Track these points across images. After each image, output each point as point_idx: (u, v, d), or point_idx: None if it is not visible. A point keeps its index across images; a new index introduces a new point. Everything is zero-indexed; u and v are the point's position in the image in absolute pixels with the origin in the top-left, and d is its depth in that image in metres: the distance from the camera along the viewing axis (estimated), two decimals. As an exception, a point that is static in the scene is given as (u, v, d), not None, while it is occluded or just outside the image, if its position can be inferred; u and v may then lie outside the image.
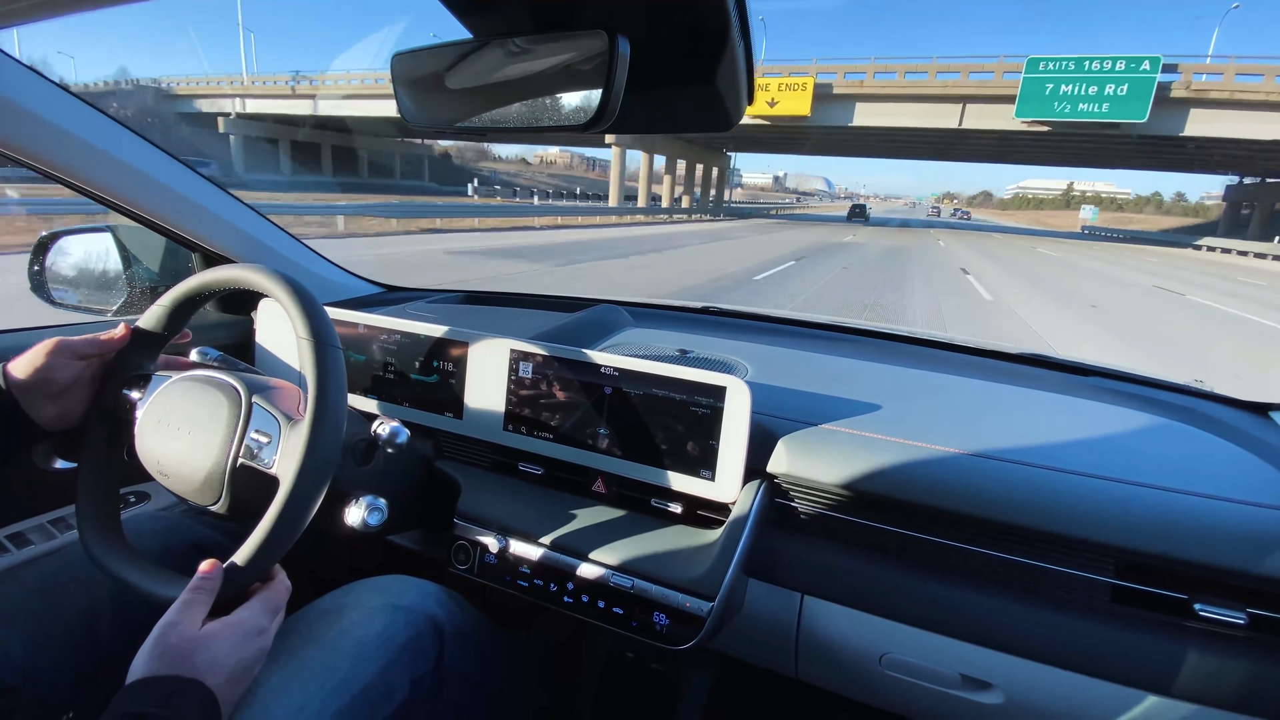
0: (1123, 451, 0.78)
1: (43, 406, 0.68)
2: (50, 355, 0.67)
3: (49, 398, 0.68)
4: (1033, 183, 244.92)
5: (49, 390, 0.68)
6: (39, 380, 0.67)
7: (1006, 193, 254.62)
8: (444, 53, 0.54)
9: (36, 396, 0.67)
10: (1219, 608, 0.65)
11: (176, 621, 0.54)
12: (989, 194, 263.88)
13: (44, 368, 0.67)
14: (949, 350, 1.21)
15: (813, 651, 0.82)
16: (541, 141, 11.85)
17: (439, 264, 9.74)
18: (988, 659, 0.72)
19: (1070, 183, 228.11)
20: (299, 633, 0.66)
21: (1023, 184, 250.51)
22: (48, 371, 0.67)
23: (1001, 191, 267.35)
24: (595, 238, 16.51)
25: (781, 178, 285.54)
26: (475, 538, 0.87)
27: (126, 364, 0.73)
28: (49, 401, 0.68)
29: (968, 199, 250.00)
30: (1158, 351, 6.36)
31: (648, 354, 0.99)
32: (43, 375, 0.67)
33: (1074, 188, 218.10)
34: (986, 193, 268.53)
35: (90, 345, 0.70)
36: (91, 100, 0.93)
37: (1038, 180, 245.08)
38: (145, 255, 1.20)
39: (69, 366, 0.68)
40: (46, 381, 0.67)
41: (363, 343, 1.03)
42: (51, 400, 0.68)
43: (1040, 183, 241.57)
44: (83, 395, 0.70)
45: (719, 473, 0.79)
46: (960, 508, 0.72)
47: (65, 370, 0.68)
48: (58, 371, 0.68)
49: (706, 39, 0.46)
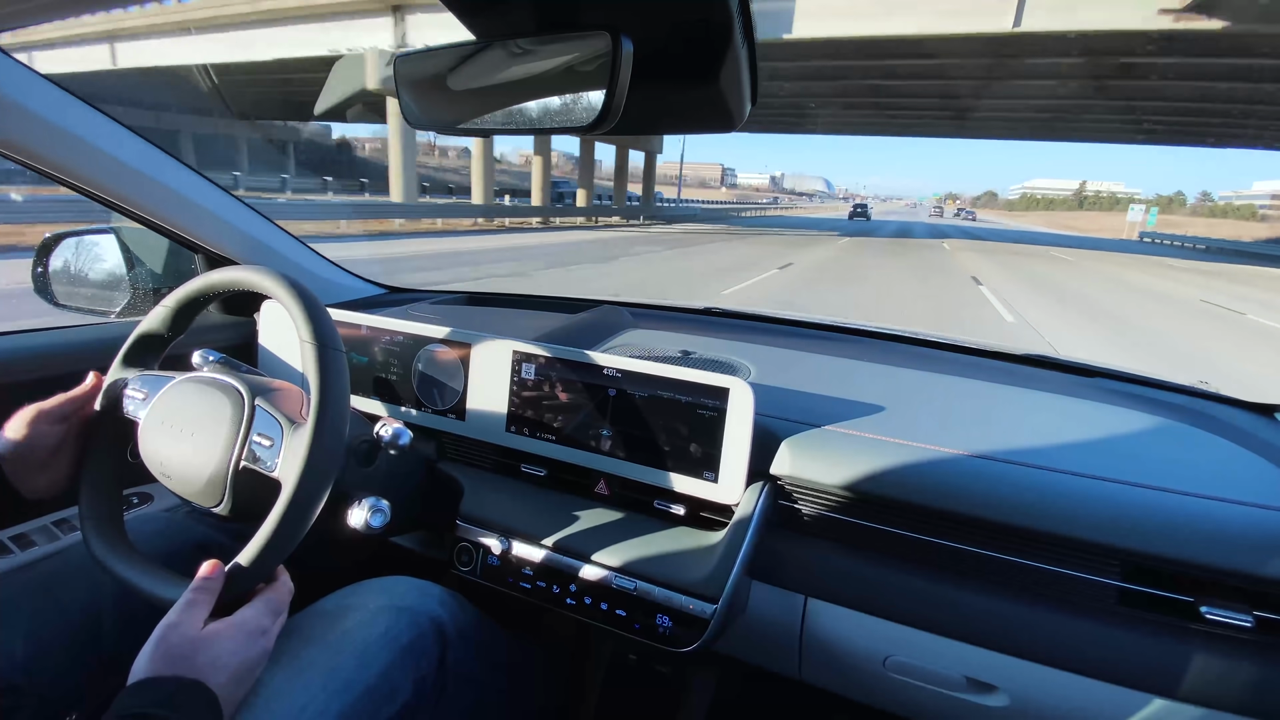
0: (1128, 453, 0.78)
1: (33, 478, 0.66)
2: (31, 425, 0.66)
3: (37, 468, 0.66)
4: (1040, 182, 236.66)
5: (35, 461, 0.66)
6: (24, 452, 0.65)
7: (1012, 193, 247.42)
8: (447, 54, 0.54)
9: (24, 469, 0.66)
10: (1225, 610, 0.64)
11: (178, 622, 0.54)
12: (994, 194, 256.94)
13: (28, 439, 0.65)
14: (952, 351, 1.21)
15: (816, 654, 0.81)
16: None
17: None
18: (993, 662, 0.71)
19: (1083, 182, 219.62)
20: (302, 633, 0.66)
21: (1028, 184, 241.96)
22: (31, 442, 0.66)
23: (1005, 192, 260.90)
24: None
25: (779, 178, 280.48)
26: (478, 539, 0.87)
27: (131, 364, 0.74)
28: (38, 472, 0.66)
29: (971, 200, 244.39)
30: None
31: (650, 355, 0.99)
32: (27, 447, 0.65)
33: (1086, 187, 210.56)
34: (991, 193, 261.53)
35: (67, 405, 0.68)
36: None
37: (1045, 180, 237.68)
38: (148, 257, 1.21)
39: (51, 433, 0.67)
40: (32, 451, 0.66)
41: (365, 344, 1.03)
42: (40, 470, 0.67)
43: (1048, 182, 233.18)
44: (69, 459, 0.69)
45: (722, 474, 0.79)
46: (964, 510, 0.72)
47: (48, 437, 0.67)
48: (41, 439, 0.66)
49: (710, 38, 0.46)
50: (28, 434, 0.66)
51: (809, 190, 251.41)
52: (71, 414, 0.69)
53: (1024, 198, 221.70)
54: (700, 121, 0.57)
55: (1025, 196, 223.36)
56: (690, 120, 0.58)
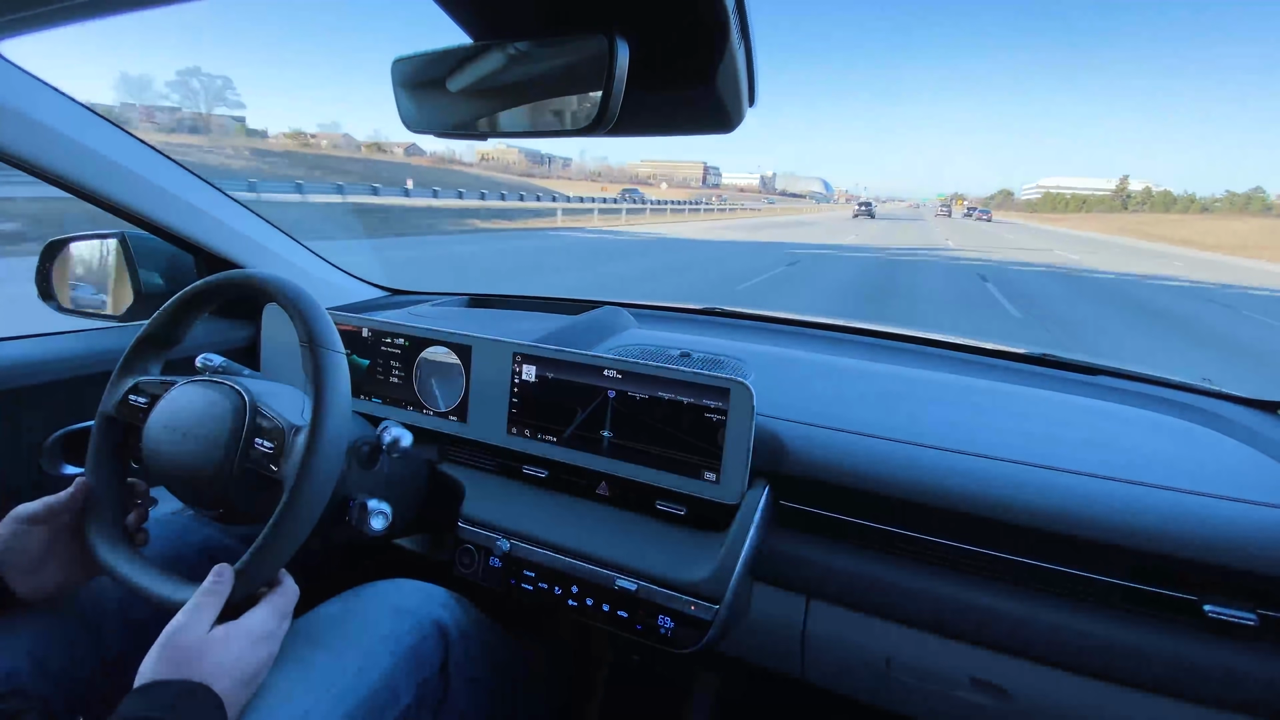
0: (1131, 451, 0.77)
1: (24, 581, 0.64)
2: (12, 528, 0.64)
3: (24, 572, 0.64)
4: (1058, 180, 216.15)
5: (22, 564, 0.64)
6: (8, 556, 0.64)
7: (1026, 192, 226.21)
8: (444, 57, 0.54)
9: (13, 572, 0.64)
10: (1228, 608, 0.64)
11: (184, 625, 0.55)
12: (1009, 193, 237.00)
13: (10, 542, 0.64)
14: (955, 350, 1.21)
15: (819, 654, 0.81)
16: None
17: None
18: (997, 662, 0.71)
19: (1124, 178, 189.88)
20: (305, 637, 0.66)
21: (1042, 182, 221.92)
22: (12, 543, 0.64)
23: (1019, 191, 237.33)
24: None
25: (770, 178, 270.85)
26: (480, 541, 0.87)
27: (133, 368, 0.74)
28: (26, 575, 0.65)
29: (983, 199, 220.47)
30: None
31: (650, 356, 0.99)
32: (11, 550, 0.64)
33: (1128, 184, 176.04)
34: (1006, 191, 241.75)
35: (46, 511, 0.66)
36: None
37: (1064, 178, 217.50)
38: (151, 260, 1.21)
39: (31, 533, 0.65)
40: (16, 553, 0.64)
41: (366, 346, 1.04)
42: (28, 574, 0.65)
43: (1070, 180, 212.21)
44: (63, 560, 0.67)
45: (723, 475, 0.79)
46: (967, 510, 0.72)
47: (29, 538, 0.65)
48: (22, 541, 0.65)
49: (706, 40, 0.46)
50: (9, 537, 0.64)
51: (803, 191, 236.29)
52: (54, 518, 0.67)
53: (1047, 197, 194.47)
54: (698, 123, 0.57)
55: (1049, 195, 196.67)
56: (688, 121, 0.58)
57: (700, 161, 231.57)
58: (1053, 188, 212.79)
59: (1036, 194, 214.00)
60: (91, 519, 0.69)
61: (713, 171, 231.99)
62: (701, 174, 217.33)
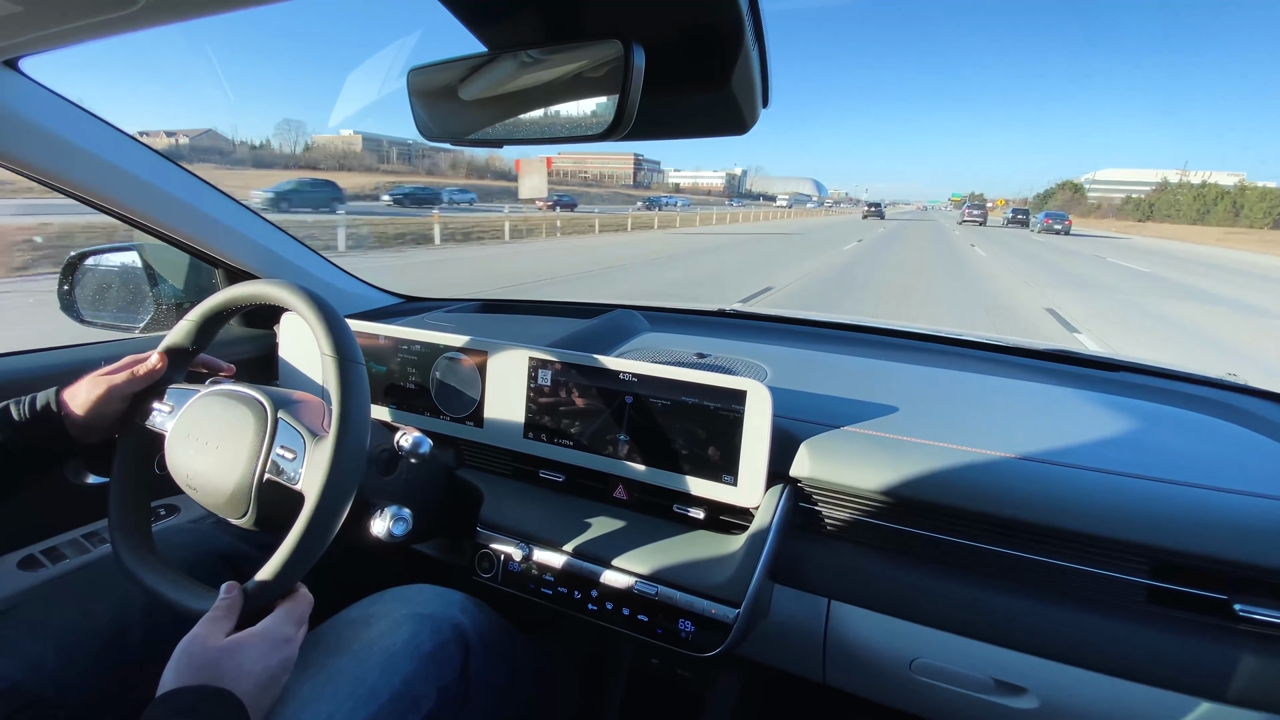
0: (1156, 448, 0.76)
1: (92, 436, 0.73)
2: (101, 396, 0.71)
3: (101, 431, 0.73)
4: (1111, 174, 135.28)
5: (95, 422, 0.72)
6: (92, 421, 0.71)
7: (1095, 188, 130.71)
8: (458, 66, 0.54)
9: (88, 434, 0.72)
10: (1259, 608, 0.63)
11: (202, 635, 0.56)
12: (1077, 186, 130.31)
13: (97, 405, 0.71)
14: (973, 348, 1.19)
15: (841, 657, 0.81)
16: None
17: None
18: (1021, 663, 0.70)
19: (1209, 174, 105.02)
20: (327, 642, 0.66)
21: (1094, 175, 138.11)
22: (99, 408, 0.71)
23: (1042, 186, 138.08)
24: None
25: (737, 175, 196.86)
26: (498, 546, 0.88)
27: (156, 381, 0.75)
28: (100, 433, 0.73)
29: (1024, 200, 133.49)
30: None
31: (666, 359, 0.99)
32: (95, 413, 0.71)
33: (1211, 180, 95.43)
34: (1072, 185, 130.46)
35: (132, 384, 0.73)
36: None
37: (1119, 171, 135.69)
38: (170, 272, 1.23)
39: (116, 408, 0.73)
40: (97, 416, 0.72)
41: (383, 354, 1.04)
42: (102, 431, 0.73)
43: (1125, 174, 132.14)
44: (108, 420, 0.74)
45: (741, 478, 0.79)
46: (989, 510, 0.71)
47: (110, 405, 0.72)
48: (105, 406, 0.72)
49: (720, 42, 0.46)
50: (100, 400, 0.71)
51: (786, 193, 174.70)
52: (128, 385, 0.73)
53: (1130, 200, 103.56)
54: (713, 125, 0.57)
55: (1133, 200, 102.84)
56: (703, 124, 0.58)
57: (630, 154, 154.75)
58: (1109, 185, 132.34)
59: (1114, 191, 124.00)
60: (116, 527, 0.70)
61: (649, 166, 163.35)
62: (632, 169, 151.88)
